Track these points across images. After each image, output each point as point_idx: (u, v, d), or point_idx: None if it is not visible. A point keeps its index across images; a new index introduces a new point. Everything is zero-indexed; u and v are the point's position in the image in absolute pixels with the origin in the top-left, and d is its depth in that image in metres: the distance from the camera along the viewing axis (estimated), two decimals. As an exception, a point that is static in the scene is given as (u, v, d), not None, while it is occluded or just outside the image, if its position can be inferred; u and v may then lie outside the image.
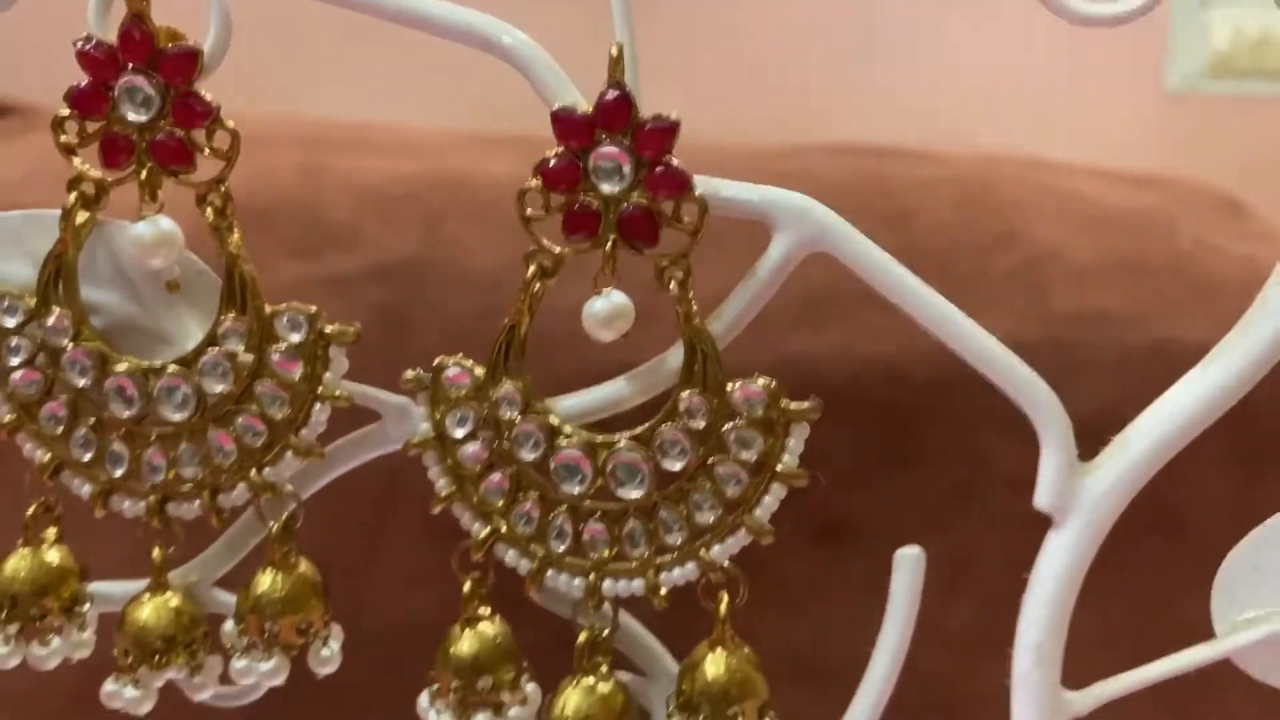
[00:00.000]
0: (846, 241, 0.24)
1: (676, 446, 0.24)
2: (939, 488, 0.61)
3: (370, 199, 0.65)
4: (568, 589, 0.26)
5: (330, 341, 0.25)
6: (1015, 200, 0.72)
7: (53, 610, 0.26)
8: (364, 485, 0.61)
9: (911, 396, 0.60)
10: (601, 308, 0.24)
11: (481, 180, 0.70)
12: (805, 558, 0.59)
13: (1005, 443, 0.60)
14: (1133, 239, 0.70)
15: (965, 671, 0.59)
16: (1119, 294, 0.65)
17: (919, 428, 0.60)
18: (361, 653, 0.60)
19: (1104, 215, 0.73)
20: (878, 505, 0.60)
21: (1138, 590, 0.57)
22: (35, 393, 0.26)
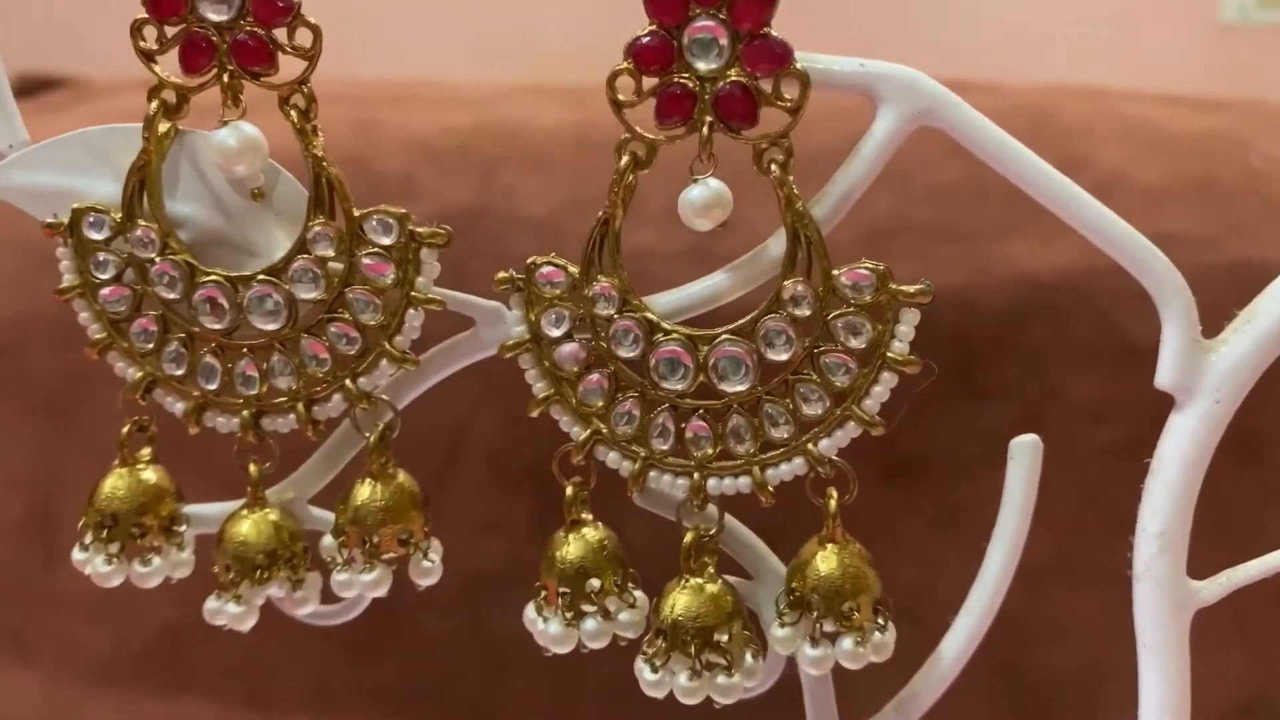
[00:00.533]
0: (956, 113, 0.23)
1: (781, 336, 0.24)
2: (1010, 420, 0.59)
3: (424, 151, 0.65)
4: (671, 489, 0.25)
5: (422, 244, 0.25)
6: (1079, 127, 0.70)
7: (152, 529, 0.26)
8: (432, 435, 0.61)
9: (982, 327, 0.58)
10: (699, 195, 0.23)
11: (534, 129, 0.69)
12: (874, 496, 0.58)
13: (1077, 373, 0.58)
14: (1202, 160, 0.68)
15: (1039, 604, 0.58)
16: (1191, 216, 0.63)
17: (990, 359, 0.59)
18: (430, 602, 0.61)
19: (1171, 138, 0.71)
20: (947, 439, 0.59)
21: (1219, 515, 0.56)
22: (125, 309, 0.26)
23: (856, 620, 0.24)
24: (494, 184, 0.62)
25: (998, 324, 0.58)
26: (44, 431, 0.58)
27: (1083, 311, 0.59)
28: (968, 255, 0.60)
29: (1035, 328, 0.59)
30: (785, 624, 0.25)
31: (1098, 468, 0.57)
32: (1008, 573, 0.25)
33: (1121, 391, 0.58)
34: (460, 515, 0.58)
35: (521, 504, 0.58)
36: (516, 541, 0.59)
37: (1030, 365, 0.59)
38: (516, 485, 0.58)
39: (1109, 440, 0.57)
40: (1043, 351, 0.59)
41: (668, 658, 0.25)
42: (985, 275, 0.60)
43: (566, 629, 0.25)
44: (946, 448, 0.58)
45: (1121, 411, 0.57)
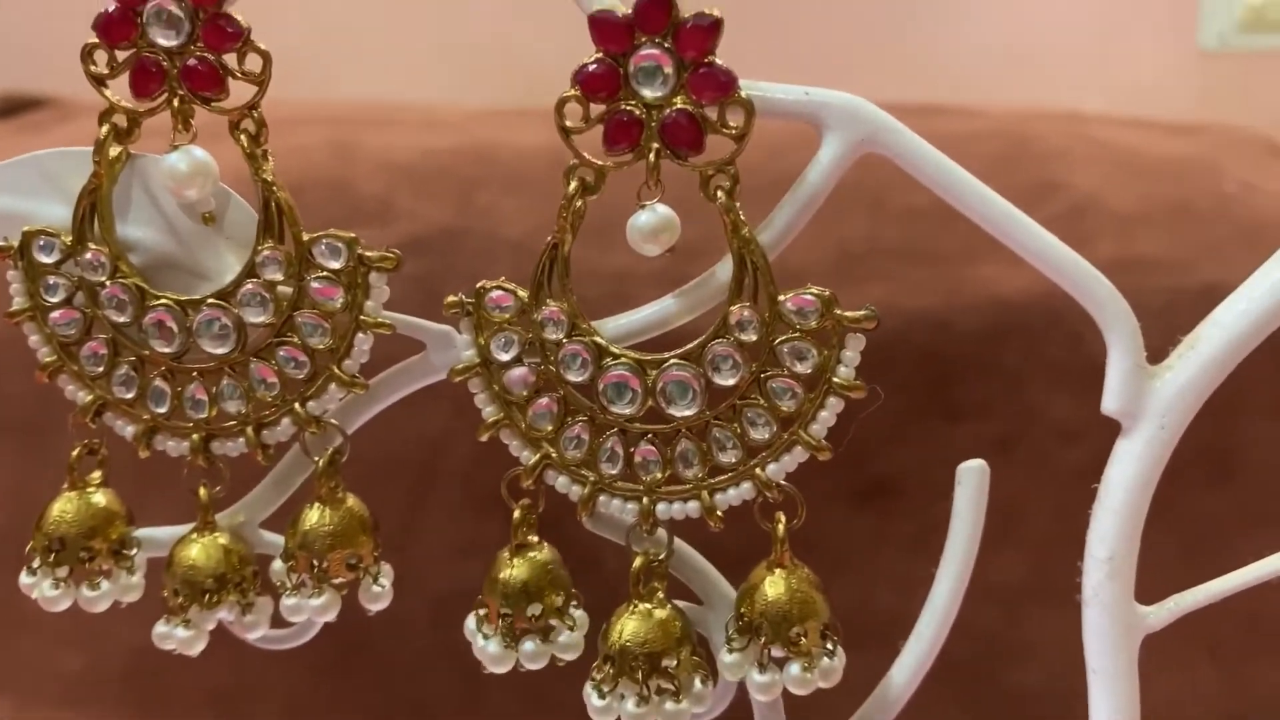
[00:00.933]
0: (899, 139, 0.23)
1: (728, 361, 0.24)
2: (986, 441, 0.60)
3: (402, 173, 0.65)
4: (620, 514, 0.25)
5: (371, 267, 0.25)
6: (1055, 150, 0.70)
7: (101, 552, 0.26)
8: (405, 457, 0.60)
9: (957, 348, 0.59)
10: (647, 220, 0.24)
11: (511, 151, 0.70)
12: (849, 517, 0.58)
13: (1052, 393, 0.59)
14: (1176, 184, 0.68)
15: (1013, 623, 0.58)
16: (1164, 239, 0.64)
17: (965, 380, 0.59)
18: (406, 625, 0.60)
19: (1145, 163, 0.72)
20: (923, 461, 0.59)
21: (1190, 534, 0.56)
22: (75, 332, 0.25)
23: (804, 646, 0.24)
24: (472, 205, 0.63)
25: (971, 345, 0.59)
26: (17, 454, 0.58)
27: (1055, 331, 0.59)
28: (940, 277, 0.60)
29: (1009, 348, 0.59)
30: (734, 649, 0.25)
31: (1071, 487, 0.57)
32: (956, 597, 0.25)
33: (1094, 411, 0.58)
34: (436, 538, 0.58)
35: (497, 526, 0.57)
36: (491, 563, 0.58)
37: (1005, 385, 0.59)
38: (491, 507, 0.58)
39: (1082, 460, 0.58)
40: (1017, 372, 0.59)
41: (615, 683, 0.24)
42: (958, 297, 0.60)
43: (504, 650, 0.25)
44: (922, 469, 0.58)
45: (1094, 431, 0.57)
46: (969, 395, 0.60)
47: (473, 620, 0.26)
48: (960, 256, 0.61)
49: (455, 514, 0.60)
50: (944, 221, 0.62)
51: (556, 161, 0.69)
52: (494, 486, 0.59)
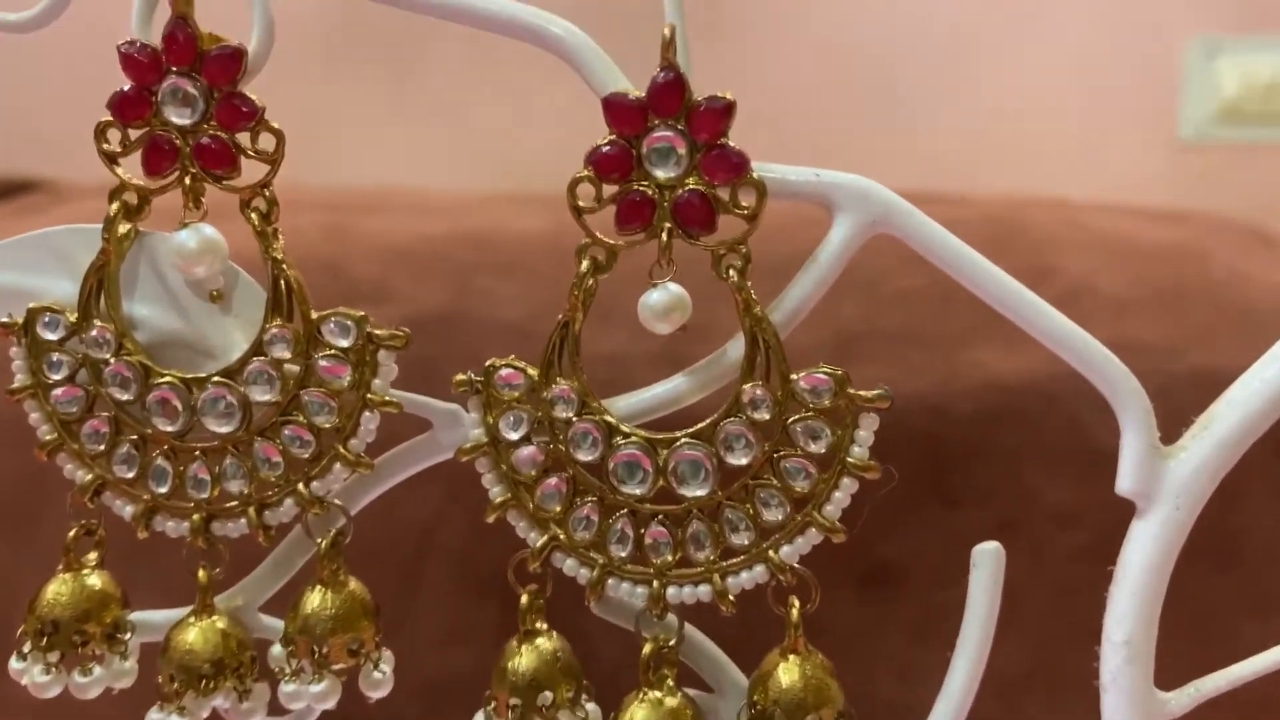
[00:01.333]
0: (910, 221, 0.23)
1: (741, 440, 0.23)
2: (984, 526, 0.59)
3: (397, 256, 0.65)
4: (630, 598, 0.24)
5: (380, 345, 0.24)
6: (1047, 237, 0.71)
7: (95, 637, 0.25)
8: (397, 541, 0.60)
9: (954, 432, 0.59)
10: (658, 299, 0.23)
11: (508, 235, 0.70)
12: (850, 604, 0.57)
13: (1049, 477, 0.58)
14: (1166, 270, 0.69)
15: (1015, 712, 0.57)
16: (1156, 324, 0.64)
17: (962, 465, 0.59)
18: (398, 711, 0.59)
19: (1136, 249, 0.73)
20: (922, 546, 0.58)
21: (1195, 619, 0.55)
22: (76, 410, 0.25)
23: (820, 734, 0.24)
24: (468, 289, 0.63)
25: (968, 429, 0.58)
26: (2, 536, 0.57)
27: (1052, 415, 0.59)
28: (936, 360, 0.61)
29: (1005, 432, 0.59)
30: (747, 739, 0.24)
31: (1070, 572, 0.57)
32: (973, 684, 0.25)
33: (1092, 495, 0.58)
34: (427, 624, 0.57)
35: (489, 611, 0.57)
36: (485, 650, 0.57)
37: (1002, 470, 0.58)
38: (484, 592, 0.57)
39: (1081, 544, 0.57)
40: (1014, 456, 0.59)
41: (625, 775, 0.24)
42: (954, 380, 0.60)
43: None
44: (922, 555, 0.58)
45: (1092, 515, 0.57)
46: (967, 480, 0.59)
47: (481, 716, 0.25)
48: (956, 340, 0.61)
49: (447, 599, 0.59)
50: (940, 305, 0.62)
51: (553, 247, 0.69)
52: (487, 571, 0.58)
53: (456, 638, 0.58)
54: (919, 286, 0.63)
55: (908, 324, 0.62)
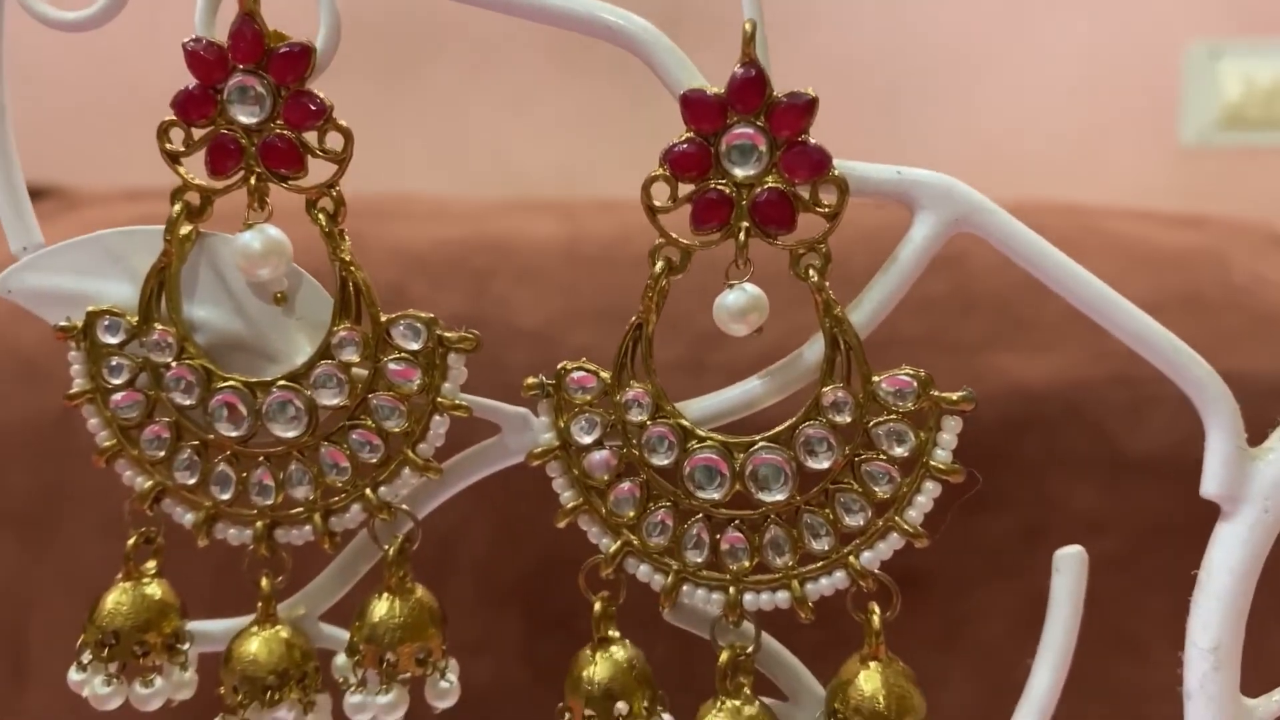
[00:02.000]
0: (993, 219, 0.23)
1: (823, 444, 0.23)
2: (1010, 533, 0.59)
3: (415, 262, 0.65)
4: (705, 605, 0.24)
5: (450, 349, 0.24)
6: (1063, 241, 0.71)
7: (155, 647, 0.25)
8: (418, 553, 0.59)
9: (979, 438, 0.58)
10: (735, 300, 0.23)
11: (524, 241, 0.70)
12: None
13: (1076, 483, 0.58)
14: (1186, 275, 0.69)
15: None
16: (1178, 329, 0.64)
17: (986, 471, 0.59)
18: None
19: (1154, 254, 0.72)
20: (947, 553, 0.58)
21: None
22: (136, 415, 0.25)
23: (902, 743, 0.23)
24: (486, 295, 0.62)
25: (992, 435, 0.58)
26: (16, 547, 0.56)
27: (1075, 422, 0.58)
28: (959, 367, 0.60)
29: (1029, 439, 0.59)
30: (827, 747, 0.24)
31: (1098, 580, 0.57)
32: (1056, 689, 0.24)
33: (1118, 502, 0.58)
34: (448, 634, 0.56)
35: (510, 622, 0.56)
36: (505, 661, 0.57)
37: (1026, 476, 0.58)
38: (504, 602, 0.56)
39: (1108, 551, 0.57)
40: (1038, 462, 0.58)
41: (703, 786, 0.23)
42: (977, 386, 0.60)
43: None
44: (947, 562, 0.57)
45: (1119, 522, 0.56)
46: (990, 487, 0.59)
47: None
48: (979, 346, 0.61)
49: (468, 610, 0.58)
50: (962, 311, 0.62)
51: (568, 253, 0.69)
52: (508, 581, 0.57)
53: (478, 648, 0.57)
54: (941, 293, 0.62)
55: (930, 330, 0.61)
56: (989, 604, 0.58)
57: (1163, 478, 0.57)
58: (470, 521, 0.56)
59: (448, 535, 0.57)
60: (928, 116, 1.12)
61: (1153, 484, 0.57)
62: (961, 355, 0.61)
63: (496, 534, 0.56)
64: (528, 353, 0.59)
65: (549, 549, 0.54)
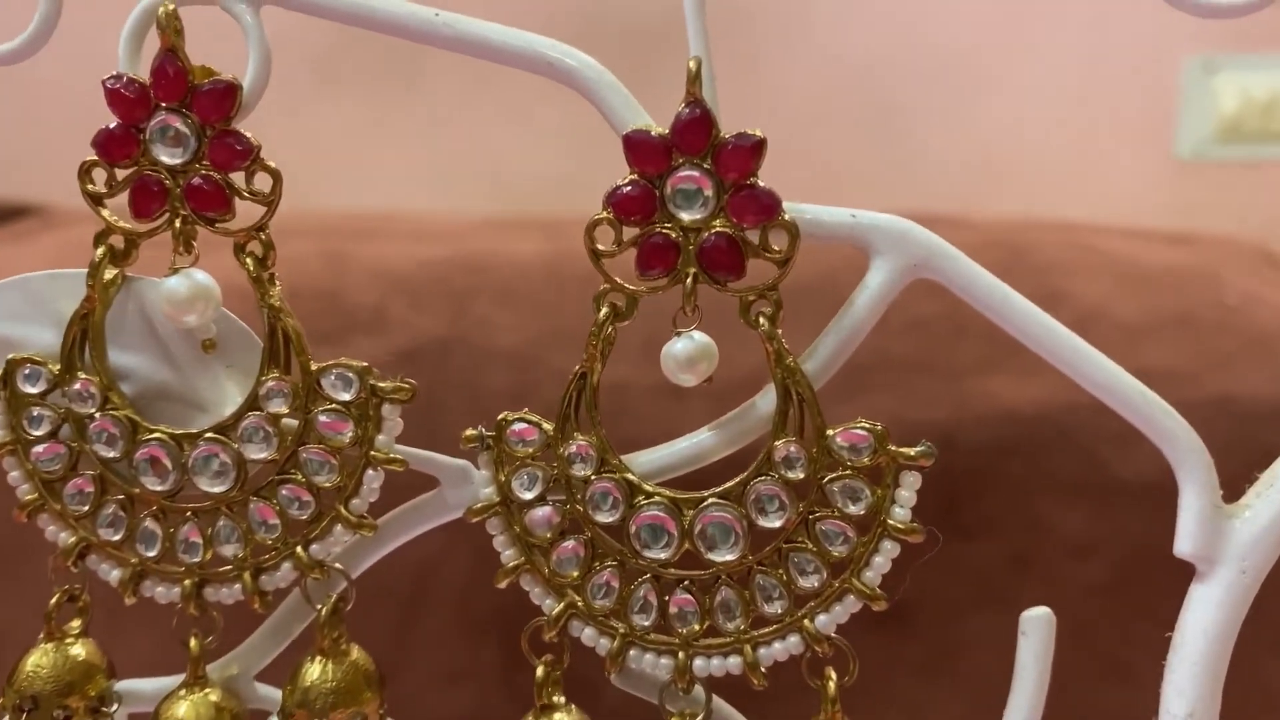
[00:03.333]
0: (953, 265, 0.22)
1: (774, 501, 0.22)
2: (997, 559, 0.58)
3: (395, 283, 0.64)
4: (653, 670, 0.23)
5: (384, 399, 0.23)
6: (1055, 262, 0.70)
7: (78, 711, 0.24)
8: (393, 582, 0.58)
9: (965, 463, 0.57)
10: (683, 349, 0.22)
11: (506, 261, 0.69)
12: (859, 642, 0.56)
13: (1063, 508, 0.57)
14: (1178, 296, 0.68)
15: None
16: (1171, 351, 0.63)
17: (974, 496, 0.58)
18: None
19: (1145, 273, 0.71)
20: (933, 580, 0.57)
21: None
22: (59, 468, 0.23)
23: (859, 817, 0.22)
24: (467, 316, 0.61)
25: (980, 459, 0.57)
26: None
27: (1064, 447, 0.57)
28: (948, 391, 0.59)
29: (1017, 463, 0.58)
30: (780, 821, 0.22)
31: (1086, 606, 0.55)
32: (1022, 760, 0.23)
33: (1107, 527, 0.57)
34: (426, 664, 0.55)
35: (489, 650, 0.55)
36: (485, 690, 0.56)
37: (1014, 501, 0.57)
38: (484, 631, 0.55)
39: (1096, 577, 0.56)
40: (1026, 487, 0.57)
41: None
42: (965, 410, 0.59)
43: None
44: (933, 590, 0.56)
45: (1107, 547, 0.55)
46: (977, 512, 0.58)
47: None
48: (967, 369, 0.60)
49: (446, 639, 0.57)
50: (951, 334, 0.61)
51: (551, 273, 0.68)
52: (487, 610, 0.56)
53: (456, 678, 0.56)
54: (930, 315, 0.61)
55: (918, 353, 0.60)
56: (977, 632, 0.57)
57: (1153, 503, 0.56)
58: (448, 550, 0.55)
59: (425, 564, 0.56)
60: (924, 128, 1.11)
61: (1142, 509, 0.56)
62: (950, 379, 0.60)
63: (475, 562, 0.55)
64: (507, 374, 0.58)
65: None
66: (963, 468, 0.57)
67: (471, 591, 0.55)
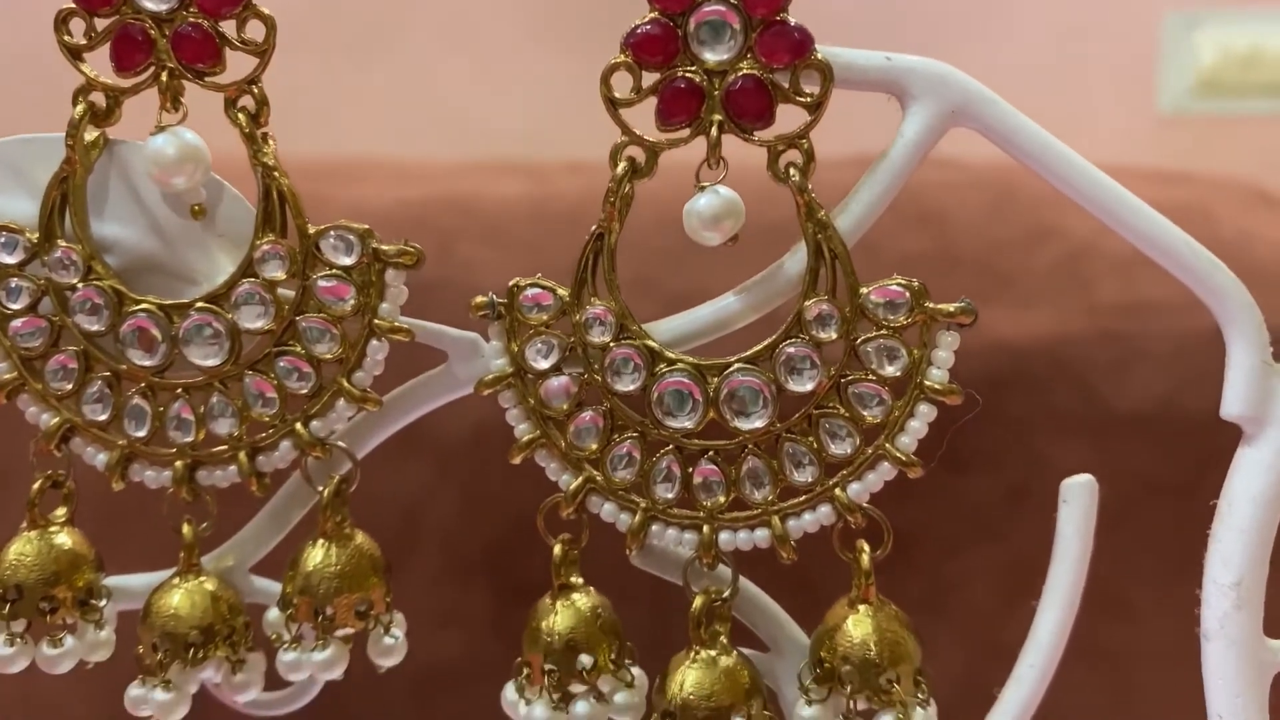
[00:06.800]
0: (993, 110, 0.20)
1: (805, 363, 0.21)
2: (994, 493, 0.57)
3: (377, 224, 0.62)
4: (677, 545, 0.22)
5: (388, 264, 0.21)
6: (1044, 197, 0.69)
7: (65, 603, 0.22)
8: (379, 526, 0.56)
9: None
10: (707, 204, 0.21)
11: (490, 201, 0.67)
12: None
13: (1062, 441, 0.56)
14: (1173, 228, 0.67)
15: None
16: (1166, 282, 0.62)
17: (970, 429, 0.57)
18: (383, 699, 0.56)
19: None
20: (930, 515, 0.56)
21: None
22: (39, 344, 0.22)
23: (896, 694, 0.21)
24: (452, 256, 0.60)
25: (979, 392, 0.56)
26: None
27: (1061, 379, 0.57)
28: (941, 325, 0.58)
29: (1014, 396, 0.57)
30: (812, 701, 0.21)
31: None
32: (1063, 633, 0.22)
33: (1105, 460, 0.56)
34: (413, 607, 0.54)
35: (478, 594, 0.54)
36: (474, 634, 0.54)
37: (1012, 435, 0.56)
38: (473, 574, 0.54)
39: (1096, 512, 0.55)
40: (1023, 420, 0.56)
41: (676, 744, 0.21)
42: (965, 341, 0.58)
43: (554, 713, 0.21)
44: (930, 524, 0.56)
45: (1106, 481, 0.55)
46: (975, 445, 0.57)
47: (511, 689, 0.22)
48: (961, 302, 0.59)
49: (435, 582, 0.56)
50: (944, 267, 0.60)
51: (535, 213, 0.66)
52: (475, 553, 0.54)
53: (445, 622, 0.55)
54: (921, 249, 0.60)
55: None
56: (975, 567, 0.56)
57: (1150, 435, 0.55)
58: (436, 492, 0.54)
59: (413, 507, 0.55)
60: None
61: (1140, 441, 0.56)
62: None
63: (462, 504, 0.53)
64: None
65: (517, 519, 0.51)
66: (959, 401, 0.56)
67: (459, 535, 0.54)
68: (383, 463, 0.24)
